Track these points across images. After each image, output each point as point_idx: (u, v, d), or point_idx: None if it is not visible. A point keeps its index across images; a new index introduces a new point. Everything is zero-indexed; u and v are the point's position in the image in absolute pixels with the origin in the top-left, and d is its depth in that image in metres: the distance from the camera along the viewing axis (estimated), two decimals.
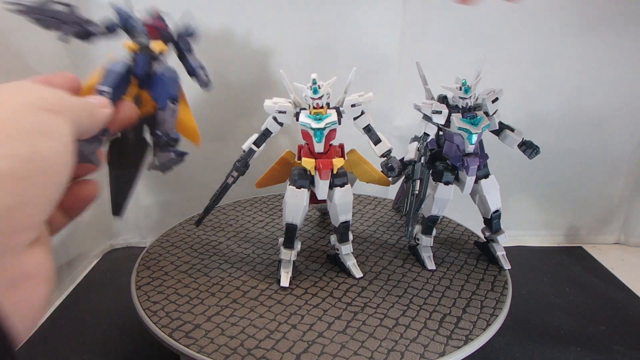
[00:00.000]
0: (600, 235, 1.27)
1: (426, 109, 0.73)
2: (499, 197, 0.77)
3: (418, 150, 0.73)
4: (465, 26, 1.08)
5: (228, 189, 0.71)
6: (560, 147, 1.14)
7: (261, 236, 0.92)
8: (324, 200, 0.73)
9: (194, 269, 0.79)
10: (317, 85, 0.67)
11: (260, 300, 0.70)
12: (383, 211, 1.05)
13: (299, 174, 0.70)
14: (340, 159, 0.70)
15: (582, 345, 0.85)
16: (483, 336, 0.63)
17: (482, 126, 0.72)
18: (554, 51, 1.10)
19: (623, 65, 1.10)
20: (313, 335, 0.63)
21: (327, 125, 0.68)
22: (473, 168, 0.73)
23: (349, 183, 0.71)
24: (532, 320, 0.91)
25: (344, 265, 0.78)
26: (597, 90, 1.13)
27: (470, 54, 1.07)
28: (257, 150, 0.72)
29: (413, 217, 0.71)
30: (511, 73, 1.07)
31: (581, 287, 1.04)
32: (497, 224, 0.79)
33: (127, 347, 0.84)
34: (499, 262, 0.80)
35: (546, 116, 1.14)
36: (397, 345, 0.61)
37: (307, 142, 0.70)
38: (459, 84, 0.72)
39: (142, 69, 0.62)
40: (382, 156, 0.73)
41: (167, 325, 0.64)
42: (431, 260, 0.80)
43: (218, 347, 0.60)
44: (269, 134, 0.72)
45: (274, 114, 0.71)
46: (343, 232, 0.76)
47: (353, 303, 0.70)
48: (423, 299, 0.71)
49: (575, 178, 1.21)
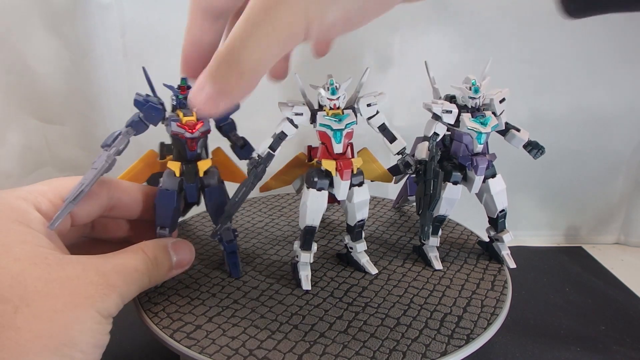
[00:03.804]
0: (600, 236, 1.27)
1: (437, 108, 0.73)
2: (505, 197, 0.78)
3: (429, 149, 0.73)
4: (466, 25, 1.08)
5: (247, 195, 0.70)
6: (560, 147, 1.14)
7: (261, 236, 0.92)
8: (335, 200, 0.73)
9: (194, 269, 0.79)
10: (335, 85, 0.67)
11: (261, 301, 0.70)
12: (382, 211, 1.05)
13: (318, 176, 0.70)
14: (359, 159, 0.71)
15: (582, 345, 0.85)
16: (484, 335, 0.63)
17: (491, 126, 0.73)
18: (553, 51, 1.10)
19: (624, 65, 1.11)
20: (314, 335, 0.63)
21: (347, 126, 0.68)
22: (482, 167, 0.73)
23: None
24: (531, 320, 0.91)
25: (358, 264, 0.78)
26: (597, 90, 1.13)
27: (471, 53, 1.08)
28: (274, 154, 0.70)
29: (429, 217, 0.71)
30: (511, 73, 1.07)
31: (581, 287, 1.04)
32: (502, 224, 0.80)
33: (127, 348, 0.83)
34: (503, 261, 0.81)
35: (546, 116, 1.15)
36: (399, 344, 0.61)
37: (324, 143, 0.70)
38: (469, 84, 0.73)
39: (194, 197, 0.72)
40: (398, 154, 0.74)
41: (168, 326, 0.64)
42: (438, 260, 0.80)
43: (220, 348, 0.60)
44: (285, 136, 0.70)
45: (290, 116, 0.69)
46: (358, 231, 0.76)
47: (354, 303, 0.70)
48: (424, 299, 0.71)
49: (575, 178, 1.21)
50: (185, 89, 0.71)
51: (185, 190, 0.72)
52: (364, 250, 0.78)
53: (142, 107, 0.70)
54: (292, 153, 0.82)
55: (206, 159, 0.73)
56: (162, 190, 0.71)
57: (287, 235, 0.92)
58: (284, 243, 0.89)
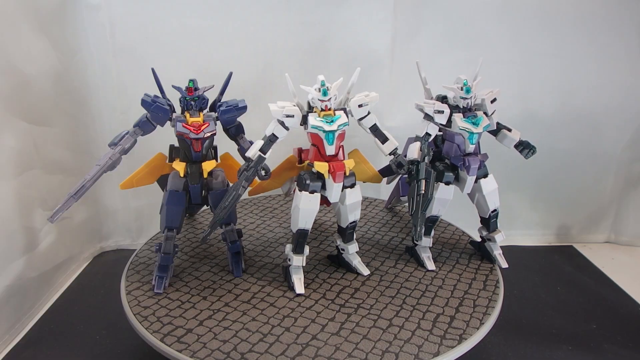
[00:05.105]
0: (591, 234, 1.28)
1: (429, 108, 0.73)
2: (497, 197, 0.78)
3: (421, 150, 0.73)
4: (457, 26, 1.08)
5: (238, 200, 0.70)
6: (550, 146, 1.14)
7: (252, 238, 0.91)
8: (327, 202, 0.72)
9: (185, 272, 0.78)
10: (326, 87, 0.66)
11: (252, 303, 0.70)
12: (374, 211, 1.05)
13: (310, 178, 0.69)
14: (351, 160, 0.70)
15: (573, 343, 0.85)
16: (476, 335, 0.63)
17: (482, 126, 0.73)
18: (543, 51, 1.10)
19: (613, 64, 1.11)
20: (307, 337, 0.62)
21: (339, 127, 0.67)
22: (474, 167, 0.73)
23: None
24: (523, 319, 0.92)
25: (350, 265, 0.78)
26: (587, 89, 1.13)
27: (462, 54, 1.08)
28: (265, 157, 0.70)
29: (421, 217, 0.71)
30: (501, 73, 1.08)
31: (572, 286, 1.05)
32: (494, 224, 0.80)
33: (117, 352, 0.83)
34: (495, 261, 0.81)
35: (536, 116, 1.15)
36: (391, 346, 0.61)
37: (315, 145, 0.70)
38: (460, 84, 0.73)
39: (198, 198, 0.73)
40: (390, 154, 0.73)
41: (159, 330, 0.63)
42: (431, 260, 0.80)
43: (211, 352, 0.59)
44: (275, 139, 0.69)
45: (281, 118, 0.68)
46: (350, 232, 0.75)
47: (346, 304, 0.70)
48: (416, 299, 0.71)
49: (566, 177, 1.21)
50: (192, 90, 0.72)
51: (190, 191, 0.72)
52: (355, 252, 0.78)
53: (149, 108, 0.71)
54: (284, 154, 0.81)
55: (211, 160, 0.74)
56: (172, 192, 0.72)
57: (279, 237, 0.92)
58: (276, 245, 0.88)
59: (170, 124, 0.73)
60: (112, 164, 0.71)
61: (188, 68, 0.99)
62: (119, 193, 1.12)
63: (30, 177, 0.91)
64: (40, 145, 0.95)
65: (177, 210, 0.72)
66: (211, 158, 0.75)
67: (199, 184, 0.72)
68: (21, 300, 0.90)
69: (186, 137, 0.71)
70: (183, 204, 0.73)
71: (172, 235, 0.72)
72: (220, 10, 1.04)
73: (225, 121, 0.75)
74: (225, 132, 0.77)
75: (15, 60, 0.88)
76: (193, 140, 0.71)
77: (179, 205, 0.72)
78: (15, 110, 0.88)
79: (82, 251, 1.14)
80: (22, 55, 0.89)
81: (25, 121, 0.90)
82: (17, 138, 0.88)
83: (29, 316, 0.92)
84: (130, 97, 1.05)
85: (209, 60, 1.05)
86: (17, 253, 0.88)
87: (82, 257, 1.14)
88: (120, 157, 0.71)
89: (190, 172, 0.71)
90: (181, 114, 0.73)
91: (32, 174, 0.92)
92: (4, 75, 0.85)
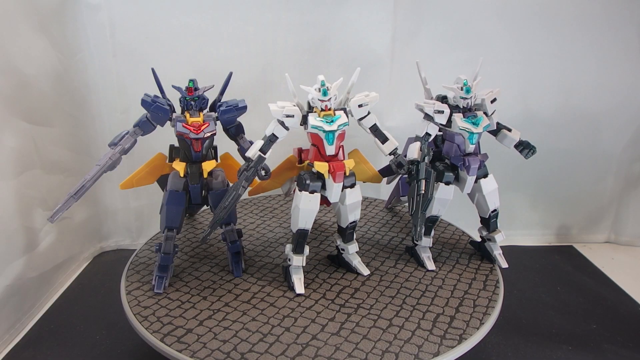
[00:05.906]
0: (591, 234, 1.28)
1: (429, 108, 0.73)
2: (497, 197, 0.78)
3: (421, 150, 0.73)
4: (457, 26, 1.08)
5: (238, 200, 0.70)
6: (550, 146, 1.14)
7: (252, 238, 0.91)
8: (326, 202, 0.72)
9: (185, 272, 0.78)
10: (326, 87, 0.66)
11: (252, 303, 0.70)
12: (374, 211, 1.05)
13: (310, 178, 0.69)
14: (351, 160, 0.70)
15: (573, 343, 0.85)
16: (476, 335, 0.63)
17: (482, 126, 0.73)
18: (543, 51, 1.11)
19: (613, 64, 1.11)
20: (307, 337, 0.62)
21: (339, 127, 0.67)
22: (474, 167, 0.73)
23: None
24: (523, 319, 0.92)
25: (350, 265, 0.78)
26: (587, 89, 1.13)
27: (462, 54, 1.08)
28: (265, 157, 0.70)
29: (421, 217, 0.71)
30: (501, 73, 1.08)
31: (572, 286, 1.05)
32: (494, 224, 0.80)
33: (117, 352, 0.83)
34: (495, 261, 0.81)
35: (536, 115, 1.15)
36: (391, 346, 0.61)
37: (315, 145, 0.70)
38: (460, 84, 0.73)
39: (198, 198, 0.73)
40: (390, 154, 0.74)
41: (159, 330, 0.63)
42: (431, 260, 0.80)
43: (211, 352, 0.59)
44: (275, 139, 0.69)
45: (281, 118, 0.68)
46: (350, 232, 0.75)
47: (346, 304, 0.70)
48: (416, 299, 0.71)
49: (565, 177, 1.21)
50: (192, 90, 0.72)
51: (190, 191, 0.72)
52: (355, 252, 0.78)
53: (149, 108, 0.71)
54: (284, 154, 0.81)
55: (211, 160, 0.74)
56: (172, 192, 0.72)
57: (279, 237, 0.92)
58: (276, 245, 0.88)
59: (170, 124, 0.73)
60: (112, 164, 0.71)
61: (188, 68, 1.00)
62: (119, 193, 1.12)
63: (30, 177, 0.92)
64: (40, 145, 0.95)
65: (177, 210, 0.72)
66: (211, 158, 0.75)
67: (199, 184, 0.72)
68: (21, 300, 0.90)
69: (186, 137, 0.71)
70: (183, 204, 0.73)
71: (172, 235, 0.72)
72: (220, 10, 1.04)
73: (225, 121, 0.75)
74: (225, 132, 0.77)
75: (15, 60, 0.88)
76: (193, 140, 0.71)
77: (179, 205, 0.72)
78: (15, 110, 0.88)
79: (82, 251, 1.14)
80: (22, 55, 0.89)
81: (25, 121, 0.90)
82: (17, 138, 0.88)
83: (29, 316, 0.92)
84: (130, 97, 1.05)
85: (209, 60, 1.05)
86: (17, 253, 0.88)
87: (82, 257, 1.14)
88: (120, 157, 0.72)
89: (190, 172, 0.72)
90: (181, 114, 0.73)
91: (32, 174, 0.92)
92: (4, 75, 0.85)
